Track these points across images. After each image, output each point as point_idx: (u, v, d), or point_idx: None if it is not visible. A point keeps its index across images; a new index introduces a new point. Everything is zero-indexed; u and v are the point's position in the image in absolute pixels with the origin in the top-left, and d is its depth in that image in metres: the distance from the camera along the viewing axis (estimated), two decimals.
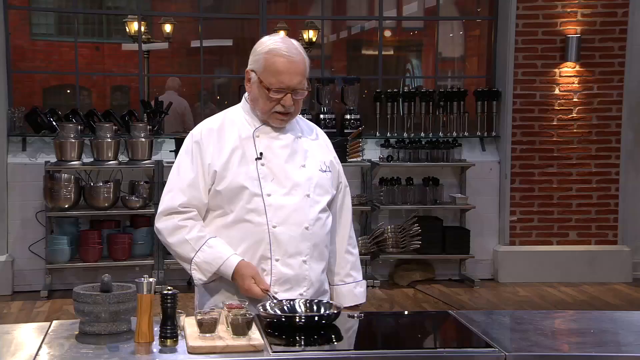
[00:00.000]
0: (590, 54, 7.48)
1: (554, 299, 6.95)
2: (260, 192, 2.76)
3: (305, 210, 2.79)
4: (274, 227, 2.76)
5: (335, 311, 2.57)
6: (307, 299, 2.71)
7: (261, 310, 2.56)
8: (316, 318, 2.55)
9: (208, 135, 2.83)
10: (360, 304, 3.02)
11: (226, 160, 2.79)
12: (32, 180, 6.95)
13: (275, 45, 2.77)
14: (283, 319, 2.53)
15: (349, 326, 2.63)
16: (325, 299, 2.85)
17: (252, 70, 2.80)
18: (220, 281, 2.82)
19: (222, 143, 2.81)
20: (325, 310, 2.61)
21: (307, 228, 2.79)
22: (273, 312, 2.56)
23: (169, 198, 2.82)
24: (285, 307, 2.63)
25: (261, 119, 2.84)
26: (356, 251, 3.07)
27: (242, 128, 2.84)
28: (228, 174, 2.78)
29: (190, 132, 2.89)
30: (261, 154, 2.80)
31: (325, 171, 2.89)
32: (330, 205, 2.93)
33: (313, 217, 2.80)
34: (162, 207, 2.83)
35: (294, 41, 2.83)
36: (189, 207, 2.80)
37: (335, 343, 2.46)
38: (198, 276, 2.80)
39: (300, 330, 2.48)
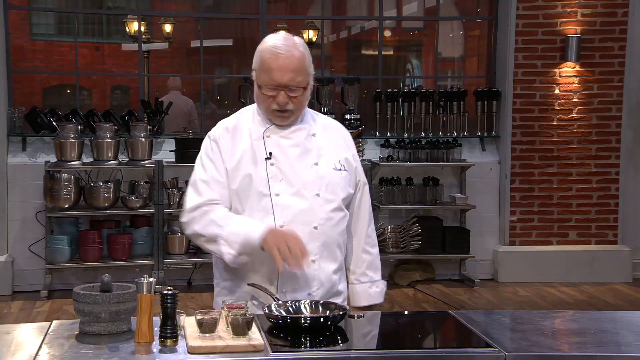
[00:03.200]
0: (590, 54, 7.48)
1: (554, 299, 6.95)
2: (269, 192, 2.76)
3: (314, 209, 2.78)
4: (281, 226, 2.74)
5: (341, 312, 2.56)
6: (312, 300, 2.69)
7: (266, 311, 2.55)
8: (321, 319, 2.54)
9: (224, 134, 2.85)
10: (375, 304, 2.99)
11: (237, 161, 2.80)
12: (32, 180, 6.95)
13: (271, 42, 2.76)
14: (288, 321, 2.52)
15: (348, 326, 2.63)
16: (338, 301, 2.82)
17: (253, 69, 2.81)
18: (235, 282, 2.81)
19: (235, 143, 2.82)
20: (330, 312, 2.60)
21: (315, 227, 2.78)
22: (278, 314, 2.55)
23: (197, 194, 2.80)
24: (290, 309, 2.61)
25: (266, 117, 2.83)
26: (375, 250, 3.04)
27: (254, 128, 2.84)
28: (238, 175, 2.79)
29: (208, 133, 2.90)
30: (270, 154, 2.79)
31: (339, 170, 2.86)
32: (348, 204, 2.92)
33: (323, 216, 2.79)
34: (186, 205, 2.82)
35: (296, 38, 2.80)
36: (213, 200, 2.78)
37: (336, 344, 2.46)
38: (227, 250, 2.71)
39: (303, 331, 2.47)
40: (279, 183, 2.77)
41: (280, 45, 2.73)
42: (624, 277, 7.57)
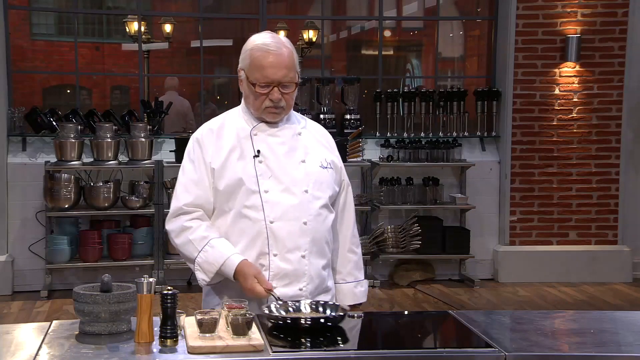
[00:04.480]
0: (590, 54, 7.48)
1: (554, 299, 6.95)
2: (258, 189, 2.79)
3: (304, 205, 2.81)
4: (271, 222, 2.77)
5: (342, 313, 2.57)
6: (313, 301, 2.70)
7: (266, 311, 2.55)
8: (322, 320, 2.54)
9: (208, 135, 2.88)
10: (360, 303, 3.03)
11: (224, 159, 2.82)
12: (32, 180, 6.95)
13: (259, 41, 2.81)
14: (289, 321, 2.52)
15: (348, 326, 2.63)
16: (327, 297, 2.86)
17: (242, 69, 2.85)
18: (223, 283, 2.83)
19: (221, 143, 2.85)
20: (331, 312, 2.61)
21: (305, 223, 2.80)
22: (278, 314, 2.56)
23: (175, 199, 2.89)
24: (290, 308, 2.62)
25: (256, 116, 2.86)
26: (359, 250, 3.07)
27: (241, 127, 2.88)
28: (226, 173, 2.81)
29: (193, 134, 2.94)
30: (258, 151, 2.83)
31: (326, 167, 2.90)
32: (332, 203, 2.94)
33: (312, 212, 2.82)
34: (170, 209, 2.91)
35: (281, 37, 2.87)
36: (195, 207, 2.85)
37: (337, 344, 2.46)
38: (201, 276, 2.83)
39: (303, 332, 2.48)
40: (268, 180, 2.80)
41: (270, 43, 2.78)
42: (624, 277, 7.57)
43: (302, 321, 2.51)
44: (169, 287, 2.37)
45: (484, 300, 6.91)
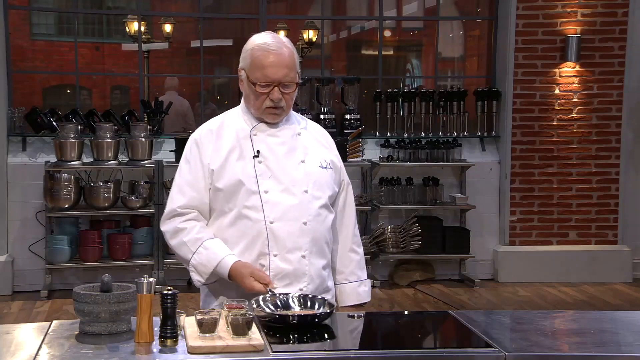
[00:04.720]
0: (590, 54, 7.48)
1: (554, 299, 6.95)
2: (258, 189, 2.79)
3: (304, 205, 2.81)
4: (271, 222, 2.78)
5: (329, 310, 2.57)
6: (302, 294, 2.71)
7: (254, 306, 2.56)
8: (309, 318, 2.55)
9: (207, 136, 2.88)
10: (364, 303, 3.02)
11: (224, 160, 2.83)
12: (32, 180, 6.95)
13: (260, 40, 2.81)
14: (277, 316, 2.53)
15: (348, 326, 2.63)
16: (327, 297, 2.85)
17: (242, 69, 2.85)
18: (220, 283, 2.84)
19: (220, 143, 2.85)
20: (319, 308, 2.62)
21: (305, 223, 2.80)
22: (269, 310, 2.57)
23: (170, 201, 2.91)
24: (278, 302, 2.63)
25: (256, 116, 2.86)
26: (361, 250, 3.08)
27: (240, 128, 2.88)
28: (225, 173, 2.82)
29: (191, 134, 2.94)
30: (258, 151, 2.83)
31: (325, 168, 2.90)
32: (332, 203, 2.94)
33: (312, 212, 2.82)
34: (165, 210, 2.92)
35: (282, 37, 2.87)
36: (189, 209, 2.85)
37: (335, 343, 2.46)
38: (196, 278, 2.85)
39: (294, 328, 2.48)
40: (268, 180, 2.81)
41: (270, 43, 2.79)
42: (624, 277, 7.57)
43: (289, 319, 2.52)
44: (169, 287, 2.37)
45: (484, 300, 6.91)
